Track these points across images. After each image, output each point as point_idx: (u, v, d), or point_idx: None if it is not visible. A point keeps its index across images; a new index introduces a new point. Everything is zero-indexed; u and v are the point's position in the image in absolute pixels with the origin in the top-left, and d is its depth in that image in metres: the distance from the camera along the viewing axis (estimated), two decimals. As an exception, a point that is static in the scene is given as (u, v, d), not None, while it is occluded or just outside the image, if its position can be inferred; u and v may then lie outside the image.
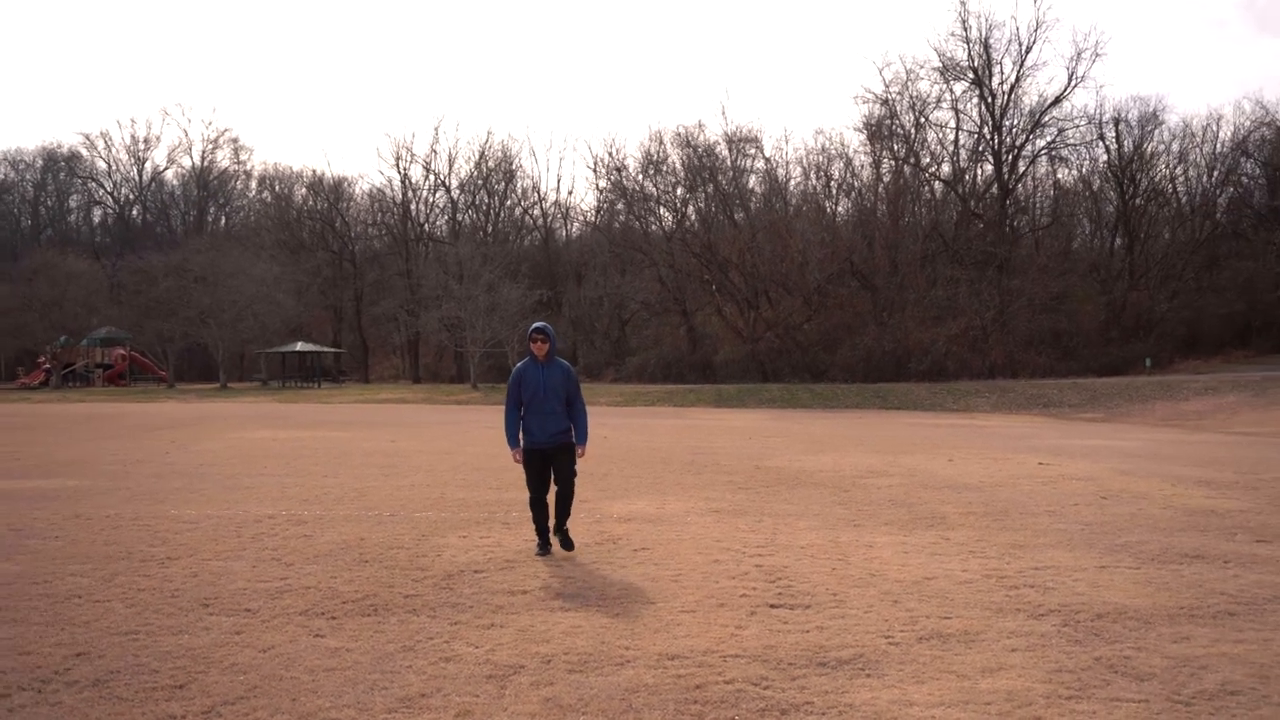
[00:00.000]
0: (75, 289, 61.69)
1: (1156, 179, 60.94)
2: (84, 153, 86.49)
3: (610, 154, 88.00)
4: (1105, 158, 60.48)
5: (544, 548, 7.95)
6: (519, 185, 77.33)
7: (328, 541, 8.45)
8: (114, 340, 62.91)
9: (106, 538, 8.64)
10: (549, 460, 7.93)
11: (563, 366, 7.96)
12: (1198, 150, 60.80)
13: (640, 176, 68.77)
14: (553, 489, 8.02)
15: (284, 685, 4.73)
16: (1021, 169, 59.71)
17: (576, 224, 78.10)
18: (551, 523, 8.02)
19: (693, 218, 66.60)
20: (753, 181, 68.22)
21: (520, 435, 7.93)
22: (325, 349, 66.73)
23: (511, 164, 76.08)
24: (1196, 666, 5.02)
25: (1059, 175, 62.99)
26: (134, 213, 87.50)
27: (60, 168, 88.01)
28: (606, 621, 5.93)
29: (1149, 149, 59.53)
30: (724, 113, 68.41)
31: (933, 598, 6.47)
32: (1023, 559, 7.76)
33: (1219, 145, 60.34)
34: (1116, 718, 4.31)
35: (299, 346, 62.44)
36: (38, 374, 61.35)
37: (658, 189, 68.26)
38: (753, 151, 67.21)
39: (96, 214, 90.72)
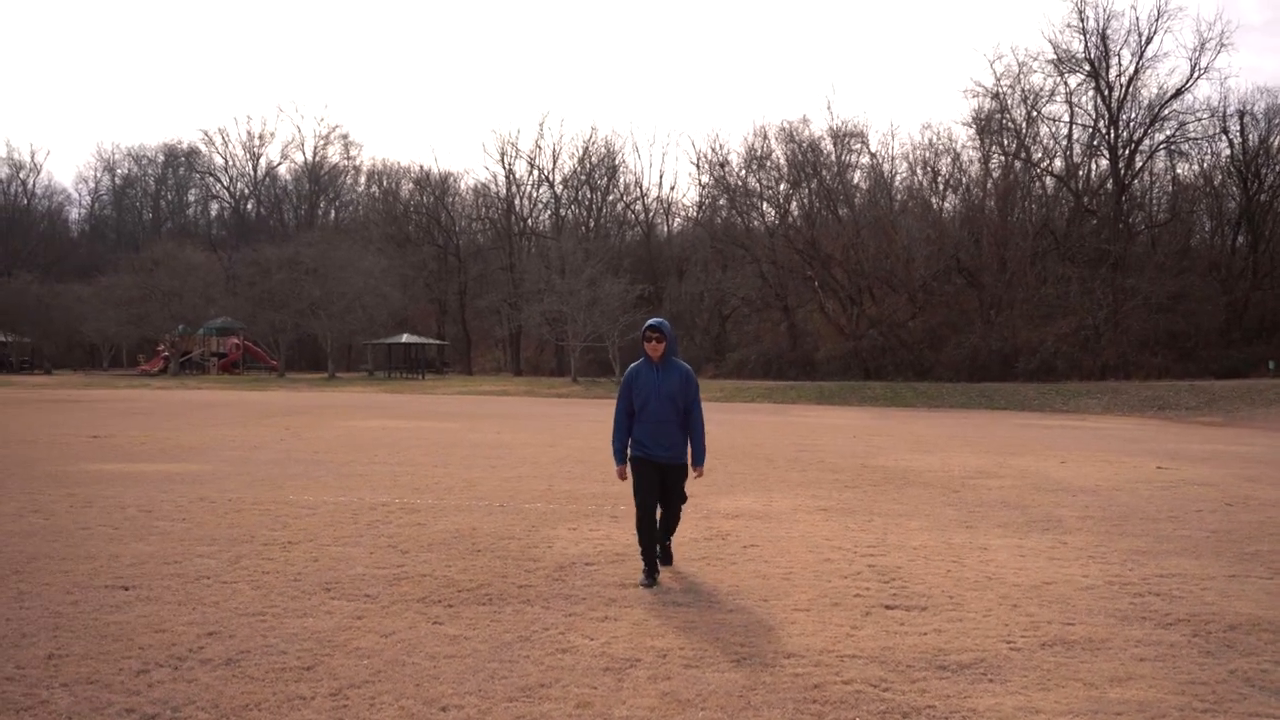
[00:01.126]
0: (193, 280, 63.97)
1: (1283, 174, 58.38)
2: (202, 149, 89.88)
3: (713, 149, 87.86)
4: (1228, 152, 58.15)
5: (651, 577, 6.78)
6: (621, 180, 77.72)
7: (441, 530, 8.60)
8: (229, 330, 65.09)
9: (230, 521, 8.93)
10: (661, 476, 6.97)
11: (681, 370, 6.96)
12: (1328, 144, 58.05)
13: (743, 172, 68.47)
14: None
15: (407, 671, 4.83)
16: (1138, 164, 57.72)
17: (678, 219, 78.15)
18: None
19: (795, 213, 66.05)
20: (857, 177, 67.34)
21: (629, 448, 7.01)
22: (429, 341, 67.99)
23: (614, 159, 76.51)
24: (1340, 683, 4.80)
25: (1178, 170, 60.78)
26: (249, 206, 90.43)
27: (180, 163, 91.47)
28: (720, 617, 5.92)
29: (1275, 143, 57.01)
30: (829, 107, 67.75)
31: (1053, 603, 6.31)
32: (1146, 566, 7.52)
33: (1351, 138, 57.50)
34: (1257, 734, 4.14)
35: (404, 338, 63.75)
36: (157, 361, 63.83)
37: (760, 184, 67.89)
38: (858, 146, 66.33)
39: (214, 208, 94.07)
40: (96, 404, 29.94)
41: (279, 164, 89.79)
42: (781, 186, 67.05)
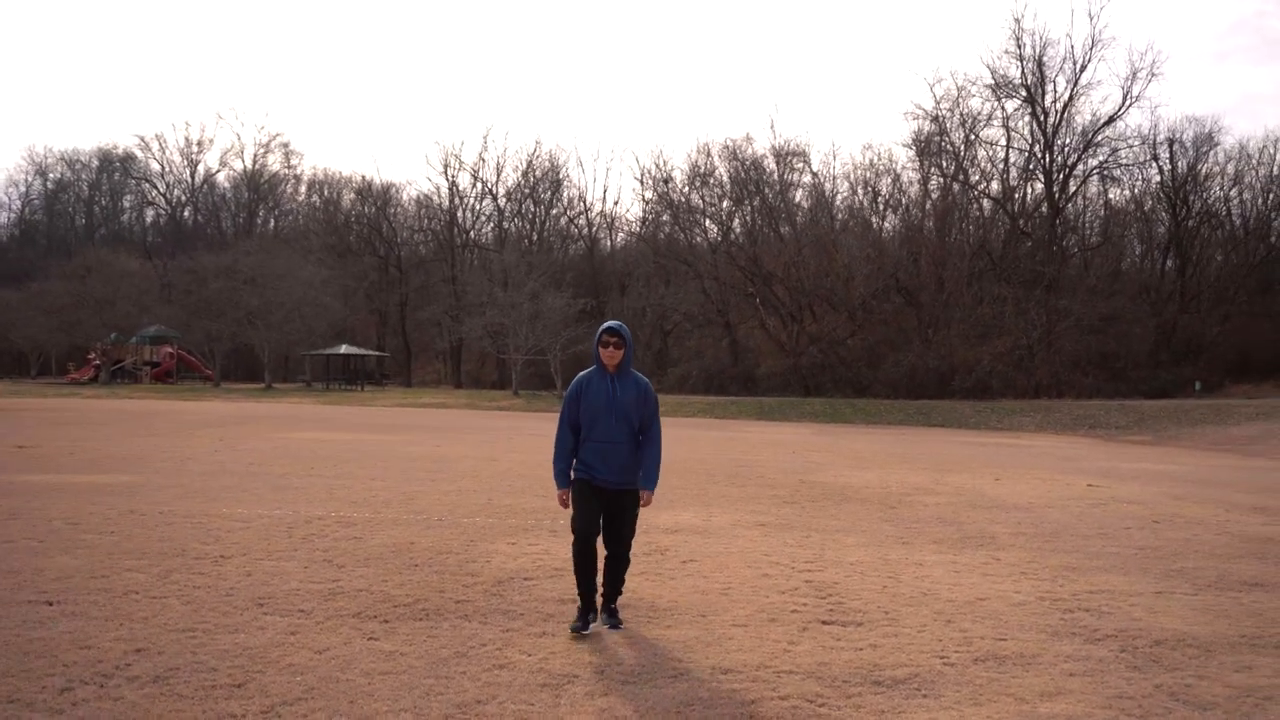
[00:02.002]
0: (127, 287, 62.80)
1: (1210, 201, 60.11)
2: (139, 154, 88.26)
3: (657, 165, 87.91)
4: (1158, 178, 59.85)
5: (583, 621, 5.87)
6: (565, 194, 77.81)
7: (378, 544, 8.51)
8: (163, 338, 63.89)
9: (161, 534, 8.75)
10: (604, 502, 6.01)
11: (639, 384, 6.05)
12: (1253, 173, 59.98)
13: (686, 188, 68.94)
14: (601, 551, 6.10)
15: (341, 687, 4.76)
16: (1072, 188, 59.14)
17: (621, 234, 78.36)
18: (599, 596, 6.12)
19: (738, 230, 66.58)
20: (799, 195, 68.17)
21: (572, 470, 6.08)
22: (369, 352, 67.34)
23: (558, 173, 76.59)
24: (1261, 697, 4.92)
25: (1110, 195, 62.41)
26: (185, 214, 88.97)
27: (115, 168, 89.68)
28: (658, 633, 5.92)
29: (1203, 170, 58.75)
30: (772, 126, 68.65)
31: (986, 619, 6.40)
32: (1076, 582, 7.66)
33: (1275, 168, 59.39)
34: (1181, 748, 4.23)
35: (344, 349, 63.04)
36: (87, 369, 62.42)
37: (704, 201, 68.37)
38: (800, 165, 67.19)
39: (149, 214, 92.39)
40: (23, 413, 29.20)
41: (217, 171, 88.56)
42: (724, 203, 67.63)
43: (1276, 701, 4.86)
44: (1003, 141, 60.50)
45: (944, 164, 61.03)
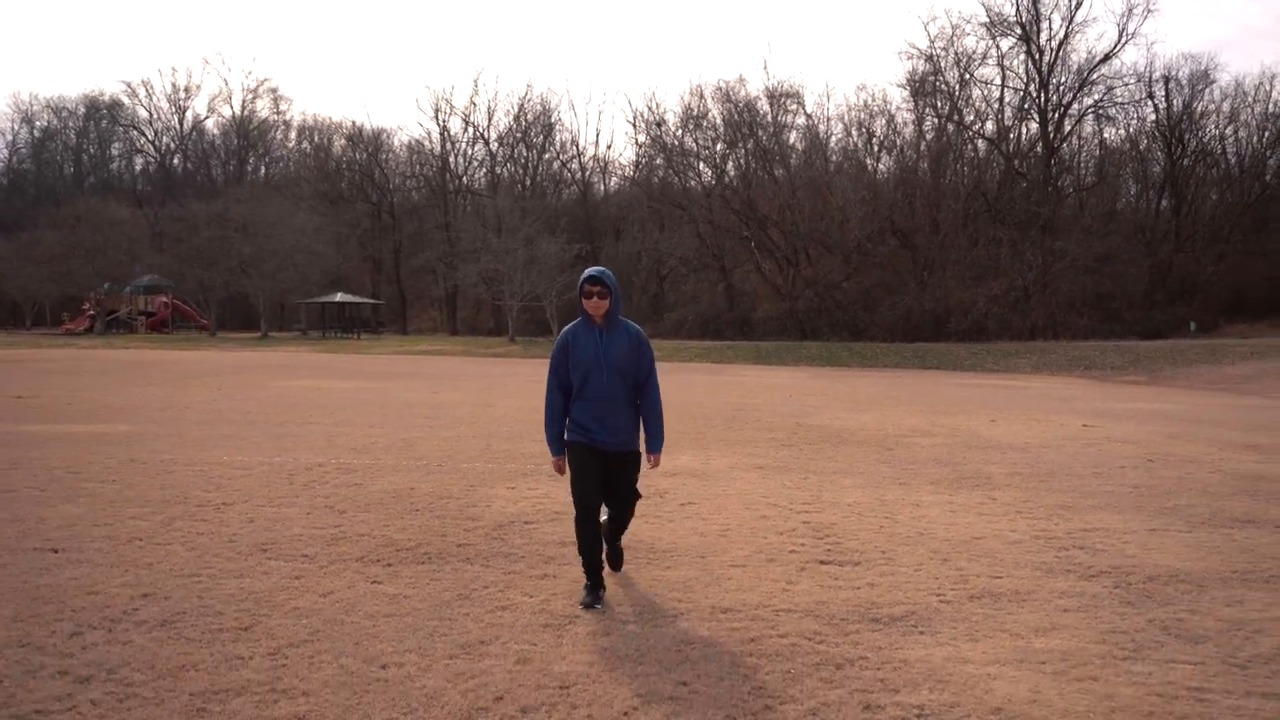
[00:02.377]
0: (118, 236, 62.45)
1: (1205, 139, 59.69)
2: (125, 101, 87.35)
3: (650, 108, 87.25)
4: (1154, 117, 59.35)
5: (594, 594, 5.39)
6: (558, 139, 77.16)
7: (379, 490, 8.57)
8: (157, 288, 63.66)
9: (162, 482, 8.81)
10: (604, 464, 5.50)
11: (631, 333, 5.54)
12: (1249, 110, 59.45)
13: (680, 131, 68.28)
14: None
15: (346, 630, 4.83)
16: (1067, 128, 58.70)
17: (615, 179, 77.86)
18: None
19: (732, 174, 66.08)
20: (793, 138, 67.51)
21: (566, 431, 5.57)
22: (364, 300, 67.16)
23: (550, 117, 75.90)
24: (1251, 630, 5.01)
25: (1105, 134, 61.92)
26: (175, 161, 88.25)
27: (102, 115, 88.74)
28: (658, 574, 5.99)
29: (1199, 108, 58.28)
30: (765, 67, 68.03)
31: (982, 557, 6.48)
32: (1071, 520, 7.74)
33: (1271, 105, 58.96)
34: (1172, 679, 4.31)
35: (338, 297, 62.85)
36: (82, 320, 62.29)
37: (697, 144, 67.76)
38: (794, 107, 66.44)
39: (138, 162, 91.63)
40: (19, 364, 29.19)
41: (206, 118, 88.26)
42: (718, 146, 67.01)
43: (1267, 634, 4.95)
44: (998, 81, 59.97)
45: (938, 104, 60.52)
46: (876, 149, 65.47)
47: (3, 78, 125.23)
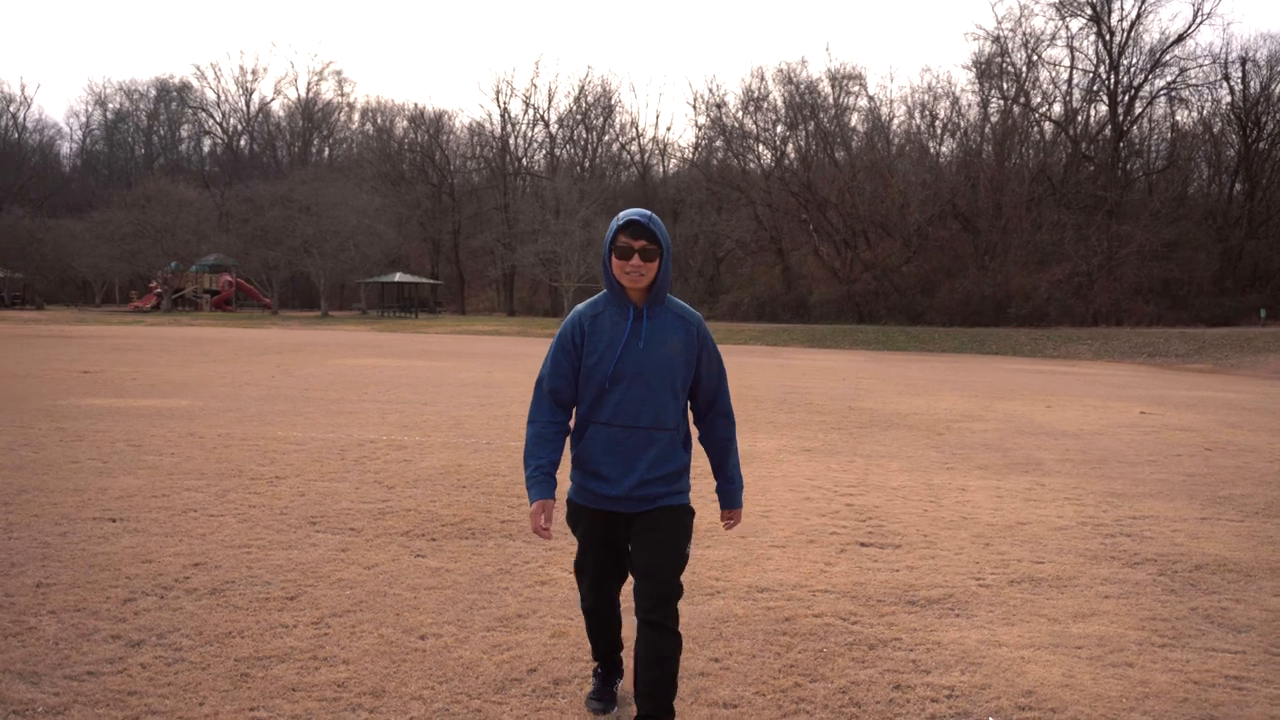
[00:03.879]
0: (186, 216, 63.78)
1: (1283, 122, 58.05)
2: (195, 83, 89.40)
3: (710, 90, 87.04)
4: (1229, 99, 57.90)
5: (603, 700, 3.77)
6: (617, 121, 77.34)
7: (427, 467, 8.70)
8: (221, 267, 64.91)
9: (218, 456, 9.02)
10: (629, 534, 3.57)
11: (687, 320, 3.54)
12: (1331, 91, 57.69)
13: (740, 113, 68.07)
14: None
15: (388, 601, 4.94)
16: (1138, 110, 57.50)
17: (674, 161, 77.77)
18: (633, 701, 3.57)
19: (792, 156, 65.67)
20: (855, 120, 66.99)
21: (557, 463, 3.62)
22: (423, 280, 67.89)
23: (610, 99, 76.06)
24: (1298, 621, 4.93)
25: (1177, 117, 60.51)
26: (241, 143, 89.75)
27: (172, 98, 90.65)
28: (697, 553, 6.02)
29: (1277, 90, 56.69)
30: (827, 49, 67.47)
31: (1025, 542, 6.43)
32: (1120, 508, 7.65)
33: (1354, 86, 57.13)
34: (1210, 667, 4.27)
35: (398, 277, 63.64)
36: (149, 298, 63.73)
37: (757, 126, 67.45)
38: (856, 89, 65.97)
39: (206, 144, 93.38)
40: (88, 339, 29.95)
41: (272, 100, 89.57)
42: (778, 129, 66.67)
43: (1313, 625, 4.86)
44: (1066, 62, 59.11)
45: (1004, 86, 59.62)
46: (940, 132, 64.75)
47: (78, 62, 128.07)
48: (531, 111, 76.69)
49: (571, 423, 3.65)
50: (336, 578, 5.30)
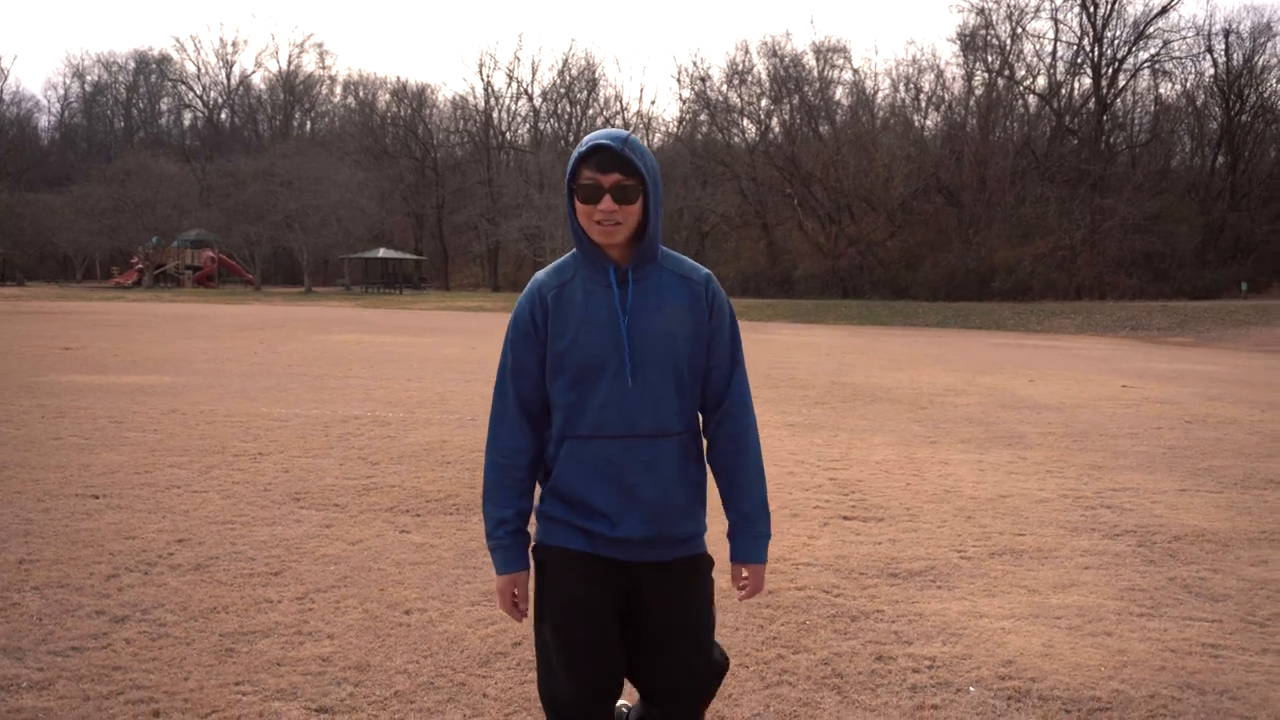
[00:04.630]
0: (166, 191, 63.19)
1: (1266, 94, 58.13)
2: (174, 56, 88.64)
3: (695, 63, 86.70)
4: (1212, 71, 58.01)
5: None
6: (601, 94, 76.95)
7: (411, 443, 8.70)
8: (203, 242, 64.47)
9: (201, 432, 9.00)
10: (625, 600, 2.50)
11: (686, 279, 2.51)
12: (1314, 63, 57.88)
13: (724, 87, 67.85)
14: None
15: (372, 576, 4.95)
16: (1121, 83, 57.59)
17: (658, 134, 77.42)
18: None
19: (776, 130, 65.57)
20: (839, 93, 66.95)
21: (535, 517, 2.57)
22: (407, 256, 67.63)
23: (594, 72, 75.73)
24: (1274, 589, 4.99)
25: (1161, 90, 60.63)
26: (222, 116, 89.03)
27: (151, 70, 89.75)
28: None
29: (1260, 62, 56.80)
30: (812, 22, 67.30)
31: (1007, 515, 6.48)
32: (1101, 480, 7.71)
33: (1337, 58, 57.35)
34: (1188, 635, 4.32)
35: (381, 253, 63.35)
36: (131, 274, 63.31)
37: (742, 100, 67.29)
38: (840, 62, 65.94)
39: (186, 117, 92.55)
40: (69, 316, 29.75)
41: (253, 72, 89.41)
42: (763, 102, 66.52)
43: (1289, 595, 4.93)
44: (1050, 35, 59.44)
45: (989, 59, 59.59)
46: (924, 105, 64.77)
47: (55, 34, 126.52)
48: (515, 85, 76.77)
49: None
50: (321, 553, 5.31)
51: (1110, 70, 56.58)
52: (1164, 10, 55.39)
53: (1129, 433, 10.29)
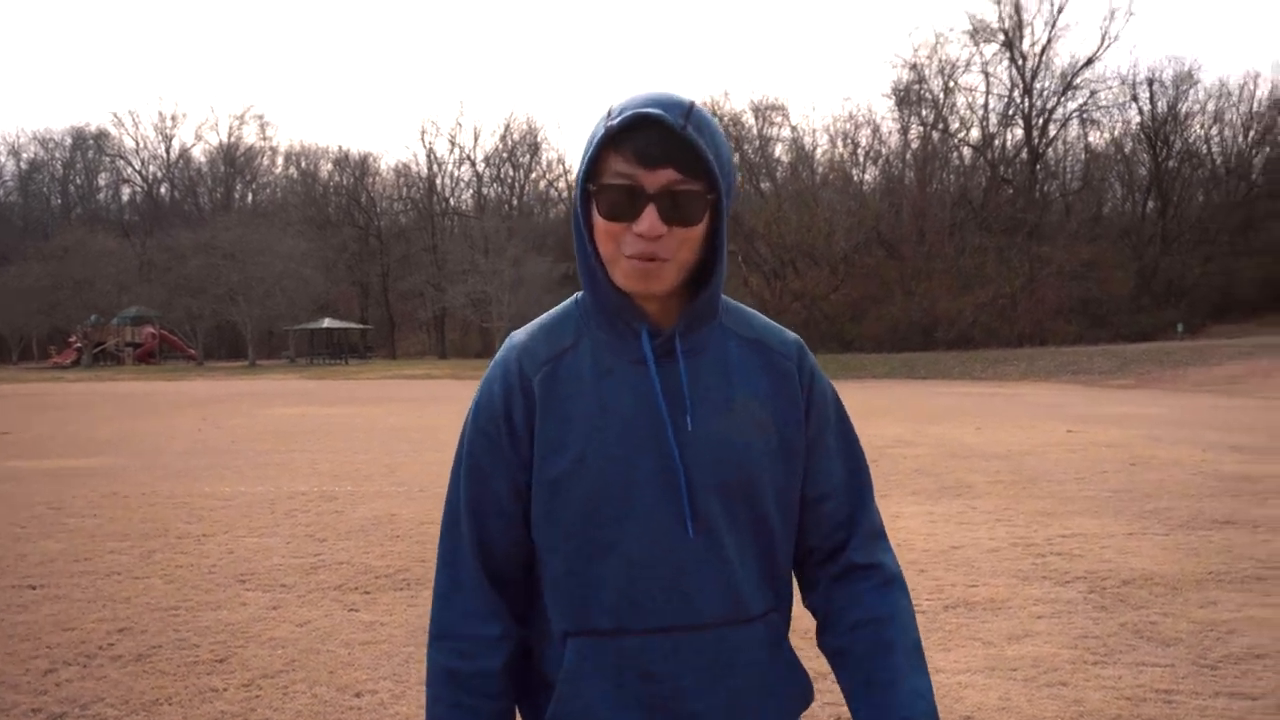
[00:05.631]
0: (106, 267, 62.34)
1: (1191, 140, 60.19)
2: (112, 130, 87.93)
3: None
4: (1138, 119, 59.89)
5: None
6: (544, 157, 77.61)
7: (360, 517, 8.57)
8: (143, 319, 63.51)
9: (143, 515, 8.80)
10: None
11: (765, 347, 1.54)
12: (1234, 110, 60.12)
13: (665, 147, 68.56)
14: None
15: (321, 659, 4.83)
16: (1052, 133, 59.31)
17: (603, 196, 77.98)
18: None
19: (718, 188, 66.21)
20: (779, 150, 68.05)
21: None
22: (352, 325, 67.14)
23: (536, 136, 76.31)
24: (1223, 631, 5.04)
25: (1090, 138, 62.64)
26: (162, 190, 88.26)
27: (89, 146, 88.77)
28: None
29: (1183, 109, 58.84)
30: (749, 82, 68.53)
31: (959, 566, 6.51)
32: (1050, 527, 7.77)
33: (1256, 104, 59.47)
34: (1142, 682, 4.34)
35: (326, 323, 62.85)
36: (69, 353, 62.05)
37: (683, 159, 67.97)
38: (779, 120, 67.15)
39: (125, 192, 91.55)
40: (4, 399, 29.11)
41: (193, 145, 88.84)
42: (704, 161, 67.23)
43: (1239, 634, 4.98)
44: (982, 87, 61.05)
45: (923, 113, 61.11)
46: (862, 159, 66.06)
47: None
48: (457, 151, 76.97)
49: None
50: (267, 637, 5.18)
51: (1041, 120, 58.25)
52: (1089, 61, 57.34)
53: (1075, 477, 10.41)
